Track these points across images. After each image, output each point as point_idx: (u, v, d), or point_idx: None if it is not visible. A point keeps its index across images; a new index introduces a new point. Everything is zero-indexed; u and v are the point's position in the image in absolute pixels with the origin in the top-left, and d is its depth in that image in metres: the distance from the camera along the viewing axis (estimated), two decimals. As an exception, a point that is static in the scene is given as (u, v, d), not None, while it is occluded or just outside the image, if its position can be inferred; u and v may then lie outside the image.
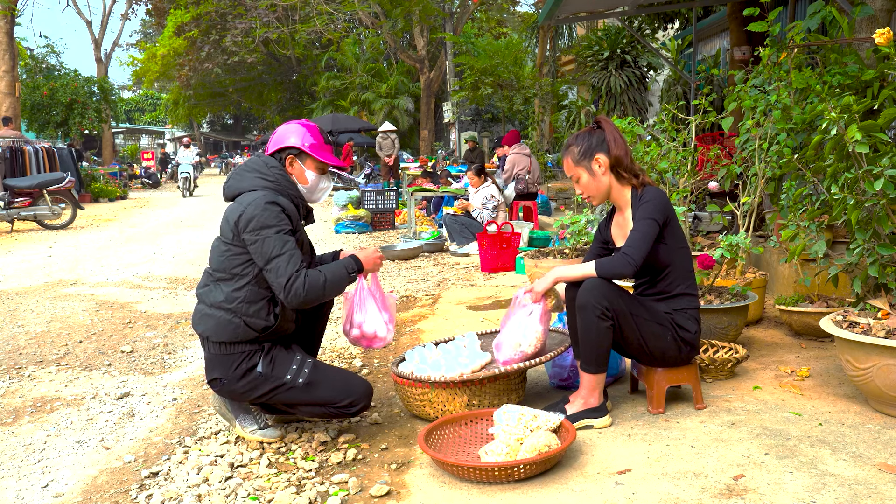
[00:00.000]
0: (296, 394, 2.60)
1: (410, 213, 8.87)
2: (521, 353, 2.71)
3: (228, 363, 2.57)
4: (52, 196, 11.03)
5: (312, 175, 2.73)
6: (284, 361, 2.60)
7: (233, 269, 2.57)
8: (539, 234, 7.31)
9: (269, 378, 2.58)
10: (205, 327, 2.60)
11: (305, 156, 2.71)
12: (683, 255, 2.69)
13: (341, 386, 2.63)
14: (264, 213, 2.49)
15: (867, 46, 4.08)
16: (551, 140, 16.18)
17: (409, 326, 4.51)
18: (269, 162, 2.67)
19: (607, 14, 9.21)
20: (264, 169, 2.65)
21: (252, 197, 2.55)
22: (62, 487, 2.45)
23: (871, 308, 2.83)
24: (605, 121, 2.75)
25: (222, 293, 2.58)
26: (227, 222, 2.58)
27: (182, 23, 22.40)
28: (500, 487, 2.24)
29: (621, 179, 2.71)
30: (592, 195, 2.76)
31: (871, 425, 2.55)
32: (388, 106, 24.91)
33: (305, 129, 2.74)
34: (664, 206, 2.62)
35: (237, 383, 2.59)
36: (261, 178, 2.62)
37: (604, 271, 2.56)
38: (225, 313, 2.56)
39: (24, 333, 4.59)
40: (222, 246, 2.61)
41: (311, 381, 2.60)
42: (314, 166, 2.72)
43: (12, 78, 15.15)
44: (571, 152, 2.74)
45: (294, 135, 2.71)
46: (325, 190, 2.81)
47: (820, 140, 3.10)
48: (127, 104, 44.20)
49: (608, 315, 2.52)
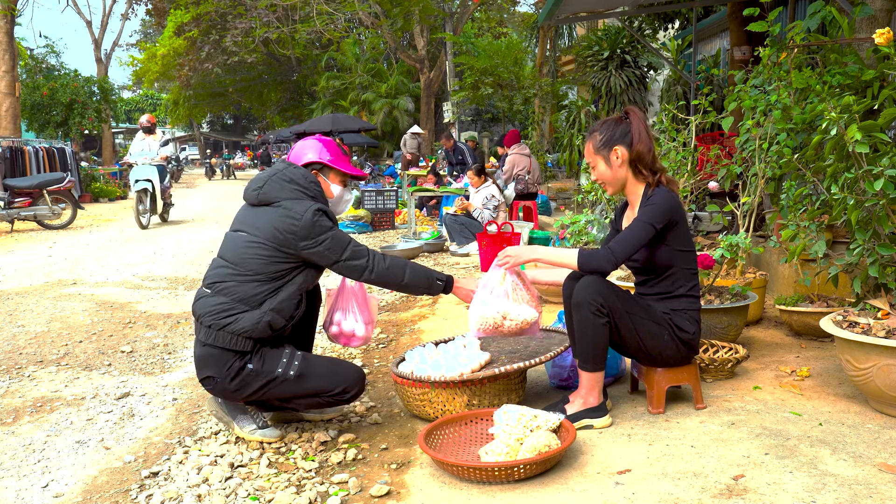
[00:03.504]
0: (288, 387, 2.63)
1: (410, 213, 8.87)
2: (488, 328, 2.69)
3: (222, 361, 2.58)
4: (52, 196, 11.03)
5: (337, 188, 2.85)
6: (274, 356, 2.63)
7: (269, 270, 2.60)
8: (539, 234, 7.30)
9: (260, 373, 2.60)
10: (227, 321, 2.55)
11: (329, 169, 2.82)
12: (687, 257, 2.69)
13: (333, 374, 2.68)
14: (321, 220, 2.62)
15: (867, 46, 4.08)
16: (551, 140, 16.18)
17: (409, 326, 4.51)
18: (308, 175, 2.73)
19: (607, 14, 9.21)
20: (304, 182, 2.70)
21: (303, 207, 2.61)
22: (62, 487, 2.46)
23: (871, 308, 2.83)
24: (635, 113, 2.70)
25: (251, 291, 2.58)
26: (276, 230, 2.59)
27: (182, 23, 22.40)
28: (500, 487, 2.24)
29: (638, 175, 2.69)
30: (607, 184, 2.75)
31: (871, 425, 2.55)
32: (388, 106, 24.91)
33: (322, 144, 2.84)
34: (668, 210, 2.59)
35: (230, 381, 2.60)
36: (301, 190, 2.68)
37: (584, 262, 2.56)
38: (252, 310, 2.56)
39: (24, 333, 4.59)
40: (261, 249, 2.59)
41: (302, 373, 2.63)
42: (338, 179, 2.84)
43: (12, 78, 15.14)
44: (594, 138, 2.72)
45: (312, 150, 2.81)
46: (348, 202, 2.94)
47: (820, 140, 3.09)
48: (127, 104, 44.16)
49: (603, 312, 2.52)
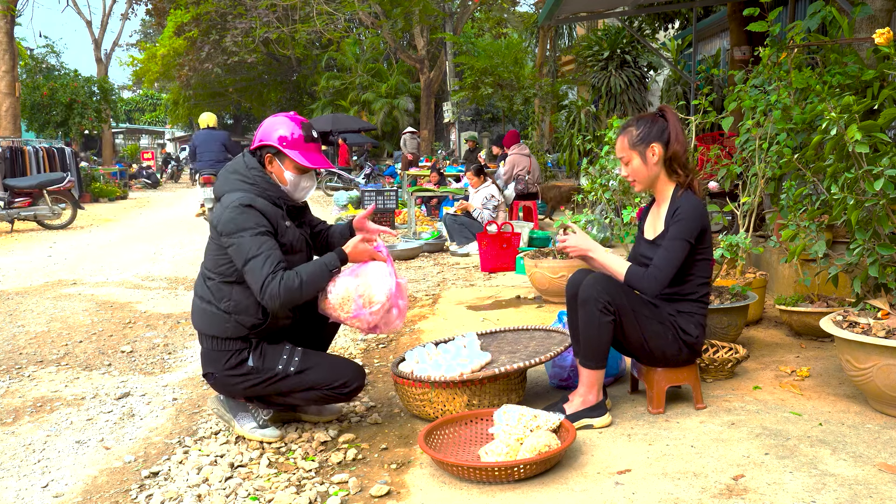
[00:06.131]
0: (289, 382, 2.63)
1: (410, 213, 8.87)
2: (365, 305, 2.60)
3: (219, 358, 2.61)
4: (52, 196, 11.03)
5: (291, 175, 2.66)
6: (275, 353, 2.63)
7: (220, 269, 2.60)
8: (539, 234, 7.31)
9: (260, 371, 2.61)
10: (198, 322, 2.67)
11: (283, 155, 2.65)
12: (703, 267, 2.70)
13: (333, 368, 2.67)
14: (240, 217, 2.50)
15: (867, 46, 4.09)
16: (551, 140, 16.17)
17: (409, 326, 4.51)
18: (250, 163, 2.65)
19: (607, 14, 9.22)
20: (244, 171, 2.64)
21: (229, 200, 2.56)
22: (62, 487, 2.45)
23: (871, 308, 2.83)
24: (670, 111, 2.72)
25: (213, 291, 2.61)
26: (212, 225, 2.61)
27: (182, 23, 22.40)
28: (500, 487, 2.24)
29: (672, 174, 2.70)
30: (638, 181, 2.75)
31: (871, 425, 2.55)
32: (387, 106, 24.91)
33: (285, 124, 2.66)
34: (698, 221, 2.60)
35: (229, 377, 2.62)
36: (241, 180, 2.62)
37: (630, 279, 2.60)
38: (216, 310, 2.60)
39: (24, 333, 4.59)
40: (213, 245, 2.64)
41: (302, 368, 2.62)
42: (292, 166, 2.66)
43: (12, 78, 15.14)
44: (629, 133, 2.71)
45: (270, 131, 2.65)
46: (306, 189, 2.74)
47: (820, 140, 3.09)
48: (127, 104, 44.14)
49: (610, 310, 2.53)
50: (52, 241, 9.55)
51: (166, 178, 29.03)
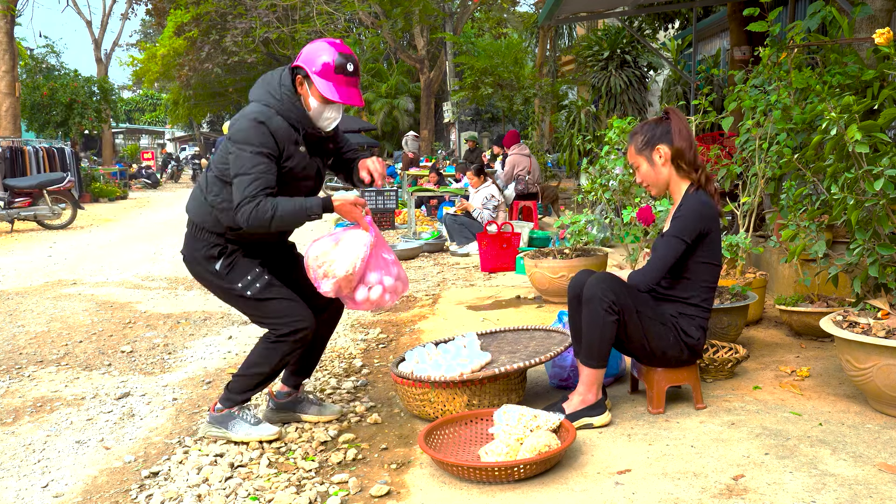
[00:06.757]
0: (244, 305, 2.68)
1: (410, 213, 8.87)
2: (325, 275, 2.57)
3: (194, 245, 2.70)
4: (52, 196, 11.03)
5: (315, 102, 2.60)
6: (243, 269, 2.65)
7: (220, 166, 2.64)
8: (539, 234, 7.31)
9: (223, 278, 2.66)
10: (189, 206, 2.75)
11: (311, 81, 2.58)
12: (711, 272, 2.69)
13: (285, 312, 2.63)
14: (250, 130, 2.50)
15: (867, 46, 4.09)
16: (551, 140, 16.17)
17: (409, 326, 4.51)
18: (284, 79, 2.61)
19: (607, 14, 9.22)
20: (275, 85, 2.61)
21: (249, 109, 2.57)
22: (62, 487, 2.45)
23: (871, 308, 2.83)
24: (674, 112, 2.75)
25: (209, 181, 2.68)
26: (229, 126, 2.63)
27: (182, 23, 22.37)
28: (500, 487, 2.24)
29: (681, 172, 2.72)
30: (651, 185, 2.78)
31: (871, 425, 2.55)
32: (388, 106, 24.92)
33: (328, 50, 2.56)
34: (697, 221, 2.60)
35: (196, 266, 2.70)
36: (269, 92, 2.60)
37: (630, 281, 2.66)
38: (204, 199, 2.68)
39: (24, 333, 4.59)
40: (225, 143, 2.64)
41: (261, 297, 2.63)
42: (317, 94, 2.58)
43: (12, 78, 15.15)
44: (635, 140, 2.76)
45: (313, 53, 2.57)
46: (330, 119, 2.66)
47: (820, 140, 3.09)
48: (127, 104, 44.15)
49: (615, 310, 2.53)
50: (52, 241, 9.55)
51: (166, 178, 29.05)
